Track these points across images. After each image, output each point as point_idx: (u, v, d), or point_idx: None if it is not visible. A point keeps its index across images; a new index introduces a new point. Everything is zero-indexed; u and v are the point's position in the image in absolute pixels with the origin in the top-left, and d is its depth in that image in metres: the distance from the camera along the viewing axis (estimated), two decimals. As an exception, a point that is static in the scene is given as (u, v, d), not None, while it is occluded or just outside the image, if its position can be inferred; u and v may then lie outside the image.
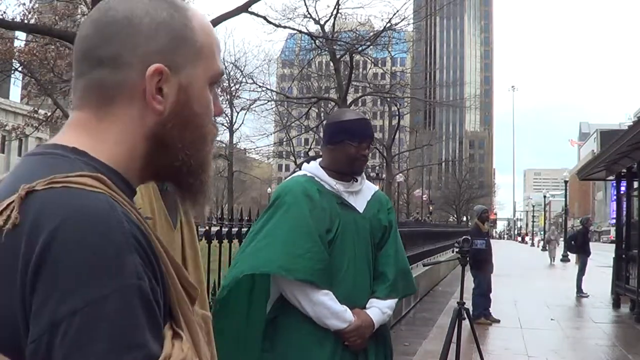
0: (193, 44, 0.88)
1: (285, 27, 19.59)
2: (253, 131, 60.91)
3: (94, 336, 0.69)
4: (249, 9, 12.17)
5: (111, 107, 0.85)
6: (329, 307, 2.34)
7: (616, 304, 11.70)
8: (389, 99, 31.41)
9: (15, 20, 16.46)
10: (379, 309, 2.46)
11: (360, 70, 34.22)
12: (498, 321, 9.43)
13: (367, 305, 2.46)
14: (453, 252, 15.95)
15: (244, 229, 4.28)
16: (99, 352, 0.68)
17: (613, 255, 12.80)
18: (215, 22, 11.39)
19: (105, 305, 0.70)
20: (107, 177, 0.80)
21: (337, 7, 22.84)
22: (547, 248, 30.86)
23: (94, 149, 0.84)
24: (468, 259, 5.47)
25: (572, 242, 15.04)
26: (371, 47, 25.40)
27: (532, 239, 66.15)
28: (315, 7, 35.22)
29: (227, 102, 35.20)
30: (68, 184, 0.76)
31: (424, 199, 58.28)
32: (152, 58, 0.84)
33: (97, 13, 0.88)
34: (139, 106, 0.85)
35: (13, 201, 0.75)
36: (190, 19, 0.89)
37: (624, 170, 12.64)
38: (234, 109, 37.19)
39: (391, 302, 2.51)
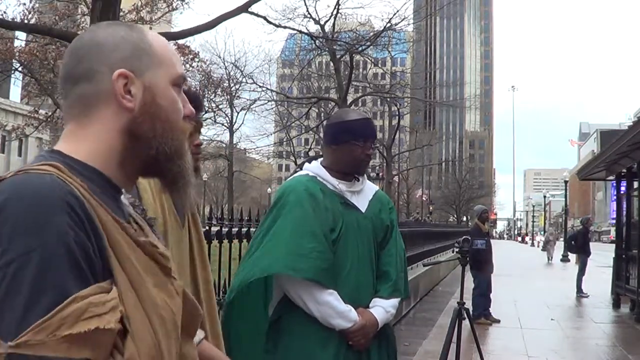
0: (151, 52, 1.06)
1: (285, 27, 19.56)
2: (253, 131, 61.04)
3: (21, 281, 0.85)
4: (249, 9, 12.14)
5: (90, 113, 1.03)
6: (334, 307, 2.34)
7: (616, 304, 11.70)
8: (389, 99, 31.44)
9: (15, 20, 16.46)
10: (382, 308, 2.46)
11: (360, 70, 34.23)
12: (498, 321, 9.43)
13: (370, 305, 2.46)
14: (453, 252, 15.96)
15: (244, 229, 4.28)
16: (23, 294, 0.84)
17: (613, 255, 12.80)
18: (215, 22, 11.38)
19: (32, 256, 0.85)
20: (70, 167, 0.96)
21: (337, 7, 22.88)
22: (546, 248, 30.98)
23: (68, 149, 1.01)
24: (468, 259, 5.46)
25: (572, 242, 15.03)
26: (371, 47, 25.42)
27: (532, 239, 66.12)
28: (315, 7, 35.34)
29: (227, 102, 35.23)
30: (27, 170, 0.94)
31: (424, 199, 58.27)
32: (118, 65, 1.03)
33: (69, 46, 1.08)
34: (113, 107, 1.03)
35: None
36: (145, 35, 1.08)
37: (624, 170, 12.63)
38: (234, 109, 37.21)
39: (394, 301, 2.51)
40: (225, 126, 38.62)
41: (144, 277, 0.96)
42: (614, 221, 15.47)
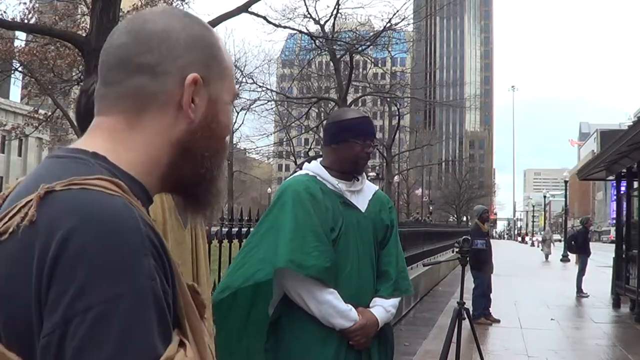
0: (221, 62, 0.94)
1: (285, 27, 19.57)
2: (253, 131, 61.02)
3: (105, 334, 0.71)
4: (249, 9, 12.15)
5: (144, 113, 0.89)
6: (334, 306, 2.33)
7: (616, 304, 11.70)
8: (389, 99, 31.43)
9: (15, 20, 16.46)
10: (383, 308, 2.46)
11: (360, 70, 34.24)
12: (498, 321, 9.43)
13: (370, 304, 2.46)
14: (453, 252, 15.95)
15: (244, 229, 4.28)
16: (108, 351, 0.70)
17: (613, 255, 12.80)
18: (215, 22, 11.38)
19: (118, 304, 0.71)
20: (123, 183, 0.82)
21: (337, 7, 22.85)
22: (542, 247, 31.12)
23: (114, 155, 0.86)
24: (468, 259, 5.46)
25: (573, 242, 15.04)
26: (371, 47, 25.41)
27: (532, 239, 66.11)
28: (315, 7, 35.30)
29: (227, 102, 35.18)
30: (86, 185, 0.78)
31: (424, 199, 58.26)
32: (190, 69, 0.89)
33: (132, 24, 0.91)
34: (172, 114, 0.89)
35: (31, 199, 0.77)
36: (217, 39, 0.95)
37: (624, 170, 12.64)
38: (234, 109, 37.20)
39: (395, 301, 2.52)
40: (225, 126, 38.59)
41: (197, 324, 0.84)
42: (614, 221, 15.47)
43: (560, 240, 40.49)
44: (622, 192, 13.24)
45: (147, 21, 0.91)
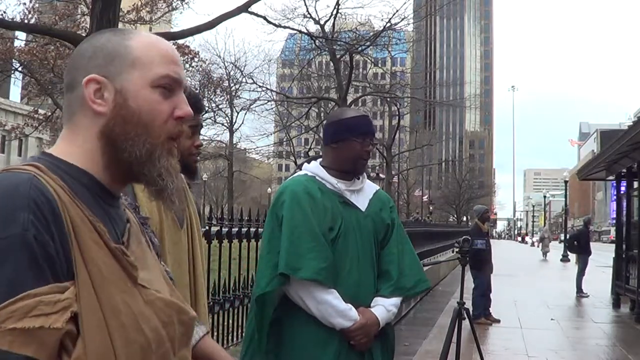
0: (127, 56, 1.09)
1: (285, 27, 19.59)
2: (253, 131, 61.06)
3: None
4: (249, 9, 12.14)
5: (73, 119, 1.09)
6: (334, 306, 2.32)
7: (616, 304, 11.70)
8: (389, 99, 31.46)
9: (15, 20, 16.46)
10: (383, 307, 2.44)
11: (360, 70, 34.27)
12: (498, 321, 9.43)
13: (371, 304, 2.44)
14: (453, 252, 15.96)
15: (244, 229, 4.28)
16: None
17: (613, 255, 12.80)
18: (215, 22, 11.39)
19: None
20: (57, 167, 1.01)
21: (337, 7, 22.88)
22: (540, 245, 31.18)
23: (59, 152, 1.07)
24: (468, 259, 5.46)
25: (574, 242, 15.03)
26: (371, 47, 25.46)
27: (532, 239, 66.08)
28: (315, 7, 35.38)
29: (227, 102, 35.24)
30: (11, 169, 0.99)
31: (424, 199, 58.27)
32: (92, 72, 1.08)
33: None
34: (89, 113, 1.08)
35: None
36: (125, 38, 1.11)
37: (624, 170, 12.64)
38: (234, 109, 37.23)
39: (396, 300, 2.49)
40: (225, 126, 38.67)
41: (109, 280, 0.97)
42: (614, 221, 15.47)
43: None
44: (622, 192, 13.25)
45: (73, 52, 1.15)
